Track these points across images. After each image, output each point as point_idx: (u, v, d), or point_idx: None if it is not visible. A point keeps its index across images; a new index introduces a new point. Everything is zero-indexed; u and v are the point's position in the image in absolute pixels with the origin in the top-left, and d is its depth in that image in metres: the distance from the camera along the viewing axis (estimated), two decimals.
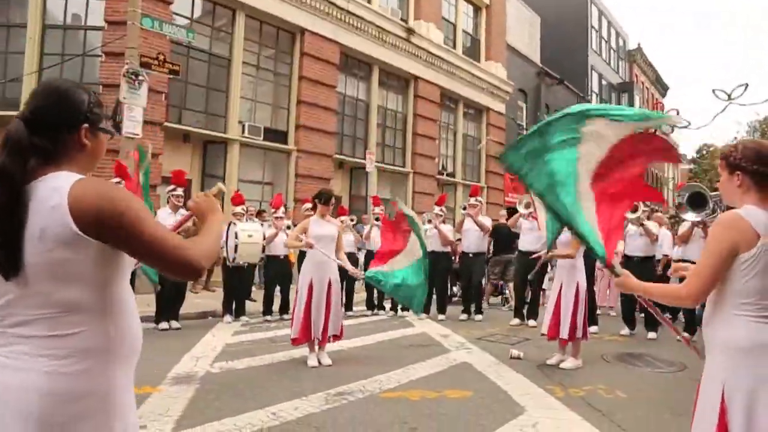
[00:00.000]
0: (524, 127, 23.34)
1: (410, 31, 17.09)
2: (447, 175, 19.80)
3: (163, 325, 7.68)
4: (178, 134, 11.89)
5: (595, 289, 9.68)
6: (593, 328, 8.01)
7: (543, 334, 6.05)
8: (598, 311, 9.60)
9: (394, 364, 5.74)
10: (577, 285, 5.72)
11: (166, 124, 11.24)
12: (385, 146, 17.67)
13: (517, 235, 9.06)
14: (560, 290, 5.78)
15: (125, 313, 1.51)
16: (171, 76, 10.19)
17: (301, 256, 7.39)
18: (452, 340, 7.17)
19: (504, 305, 10.90)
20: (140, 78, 8.74)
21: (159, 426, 3.78)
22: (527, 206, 8.38)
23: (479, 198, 9.48)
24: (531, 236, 8.51)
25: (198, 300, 10.17)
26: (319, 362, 5.71)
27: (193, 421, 3.90)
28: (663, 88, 41.14)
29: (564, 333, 5.72)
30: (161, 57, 9.28)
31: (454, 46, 19.68)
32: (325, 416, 4.05)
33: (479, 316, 9.20)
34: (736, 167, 2.06)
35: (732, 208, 2.11)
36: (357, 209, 15.36)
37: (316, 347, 5.81)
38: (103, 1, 10.58)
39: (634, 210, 7.51)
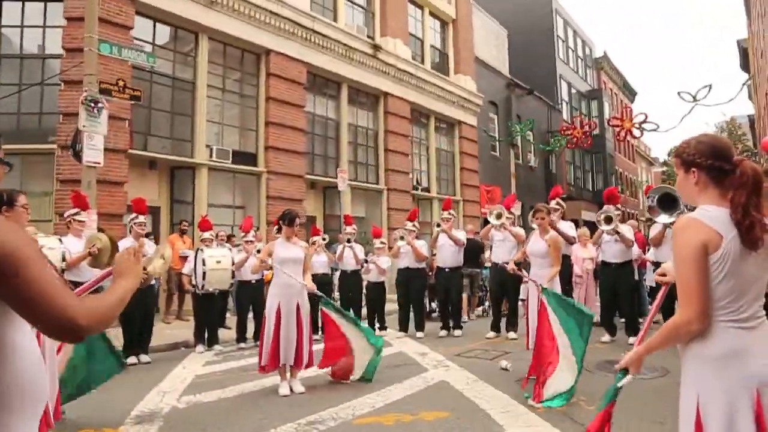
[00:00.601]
0: (496, 138, 23.48)
1: (377, 47, 17.11)
2: (422, 190, 19.74)
3: (132, 359, 7.36)
4: (143, 161, 11.61)
5: (574, 296, 9.62)
6: None
7: (529, 348, 5.88)
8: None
9: (369, 387, 5.55)
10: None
11: (130, 151, 10.95)
12: (358, 164, 17.55)
13: (482, 248, 8.97)
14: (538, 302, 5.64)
15: (21, 359, 1.33)
16: (133, 102, 9.95)
17: None
18: (430, 359, 6.99)
19: (485, 315, 10.78)
20: (99, 105, 8.49)
21: None
22: (498, 217, 8.30)
23: (452, 212, 9.37)
24: (503, 248, 8.42)
25: (170, 330, 9.83)
26: (291, 390, 5.49)
27: None
28: (631, 94, 41.95)
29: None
30: (121, 83, 9.05)
31: (423, 61, 19.76)
32: None
33: (458, 332, 9.03)
34: (691, 164, 1.94)
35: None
36: (332, 229, 15.17)
37: (288, 375, 5.59)
38: (61, 28, 10.33)
39: (608, 221, 7.48)
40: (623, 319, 8.32)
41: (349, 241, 9.61)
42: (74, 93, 9.65)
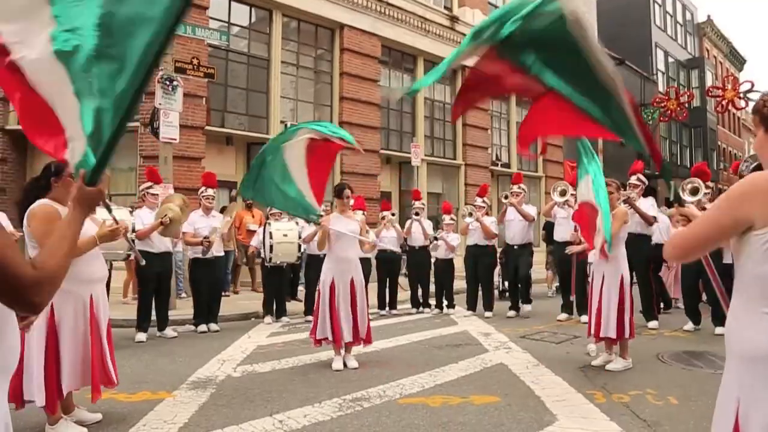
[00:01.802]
0: None
1: (455, 18, 16.56)
2: (501, 165, 19.11)
3: (202, 327, 7.67)
4: (220, 137, 11.98)
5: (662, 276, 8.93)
6: (653, 323, 7.34)
7: (591, 335, 5.49)
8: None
9: (423, 366, 5.39)
10: (621, 278, 5.15)
11: (207, 127, 11.33)
12: (435, 139, 17.23)
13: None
14: (602, 284, 5.22)
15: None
16: (209, 80, 10.23)
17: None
18: (492, 340, 6.72)
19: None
20: (174, 83, 8.78)
21: None
22: (562, 194, 7.78)
23: (522, 186, 8.91)
24: (567, 226, 7.91)
25: (242, 301, 10.18)
26: (345, 365, 5.45)
27: (196, 428, 3.73)
28: (739, 62, 38.19)
29: (610, 331, 5.16)
30: (195, 61, 9.30)
31: None
32: (333, 425, 3.77)
33: (528, 307, 8.67)
34: None
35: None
36: (408, 204, 15.02)
37: (342, 350, 5.55)
38: None
39: (694, 192, 6.73)
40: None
41: (417, 215, 9.44)
42: (155, 73, 10.07)
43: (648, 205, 7.53)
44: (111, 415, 3.97)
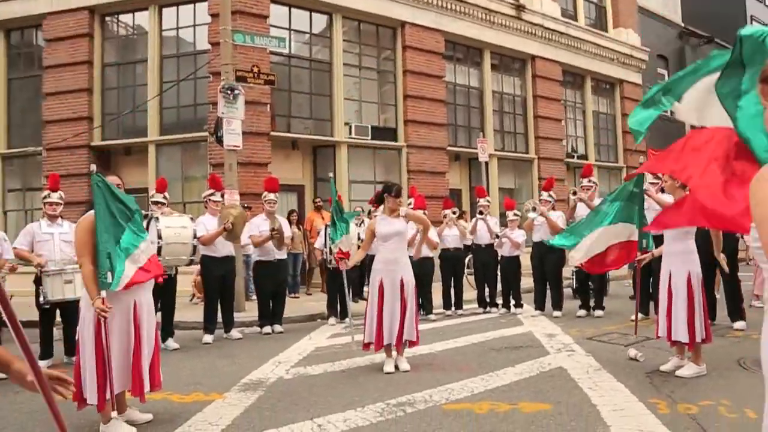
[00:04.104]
0: None
1: (521, 8, 16.00)
2: (578, 157, 18.26)
3: (266, 329, 7.84)
4: (286, 142, 12.26)
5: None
6: (739, 324, 6.67)
7: (659, 337, 5.05)
8: (757, 302, 8.06)
9: (477, 369, 5.19)
10: (688, 274, 4.68)
11: (272, 133, 11.63)
12: (505, 133, 16.75)
13: None
14: (669, 282, 4.78)
15: None
16: (271, 87, 10.49)
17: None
18: (556, 341, 6.37)
19: None
20: (236, 92, 9.05)
21: None
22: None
23: (593, 179, 8.42)
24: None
25: (311, 303, 10.35)
26: (397, 368, 5.35)
27: (238, 430, 3.77)
28: None
29: (680, 334, 4.72)
30: (256, 69, 9.56)
31: (576, 18, 18.08)
32: (371, 430, 3.68)
33: (599, 312, 8.17)
34: None
35: None
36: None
37: (394, 352, 5.46)
38: (206, 25, 11.25)
39: None
40: None
41: (481, 213, 9.17)
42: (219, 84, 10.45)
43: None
44: (161, 416, 4.11)
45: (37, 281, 6.12)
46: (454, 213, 9.35)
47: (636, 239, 5.58)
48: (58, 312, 6.21)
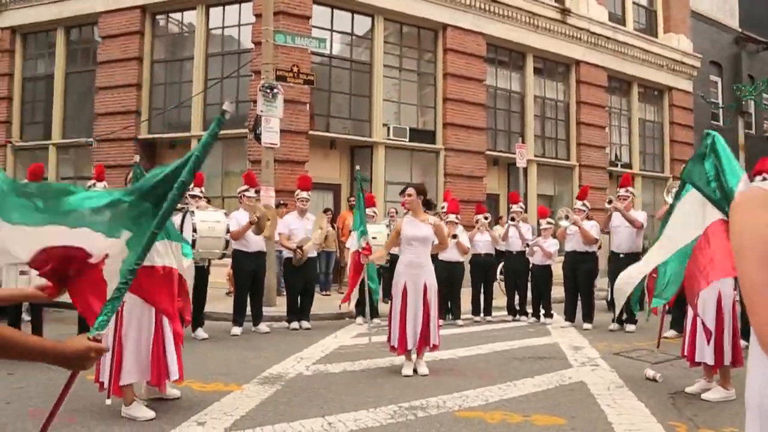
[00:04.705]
0: (719, 104, 20.01)
1: (566, 11, 15.70)
2: (621, 166, 17.78)
3: (294, 324, 7.98)
4: (324, 142, 12.41)
5: None
6: None
7: (684, 356, 4.88)
8: None
9: (496, 378, 5.16)
10: (718, 294, 4.52)
11: (311, 132, 11.79)
12: (546, 138, 16.48)
13: None
14: (697, 299, 4.62)
15: None
16: (311, 86, 10.65)
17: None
18: (581, 355, 6.25)
19: None
20: (275, 91, 9.24)
21: (216, 423, 3.84)
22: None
23: (630, 189, 8.20)
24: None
25: (338, 301, 10.43)
26: (416, 371, 5.37)
27: (250, 422, 3.88)
28: None
29: (706, 356, 4.55)
30: (296, 69, 9.73)
31: (624, 22, 17.61)
32: None
33: (632, 327, 7.95)
34: None
35: None
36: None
37: (414, 356, 5.48)
38: (250, 25, 11.52)
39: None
40: None
41: (513, 219, 9.08)
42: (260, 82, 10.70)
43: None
44: (180, 402, 4.26)
45: None
46: (486, 218, 9.28)
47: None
48: None
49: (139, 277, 3.89)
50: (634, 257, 8.09)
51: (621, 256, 8.07)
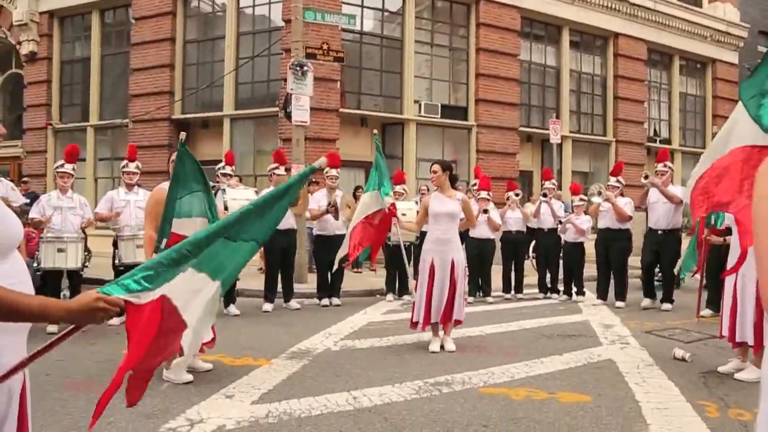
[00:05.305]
0: None
1: None
2: (660, 141, 17.24)
3: (324, 301, 8.09)
4: (354, 119, 12.39)
5: None
6: None
7: (722, 336, 4.75)
8: None
9: (524, 355, 5.13)
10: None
11: (341, 110, 11.78)
12: (582, 114, 16.08)
13: None
14: (736, 279, 4.46)
15: None
16: (341, 63, 10.62)
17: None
18: (612, 333, 6.16)
19: None
20: (305, 68, 9.23)
21: (243, 397, 3.93)
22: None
23: (668, 164, 7.93)
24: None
25: (372, 278, 10.52)
26: (443, 347, 5.39)
27: (277, 395, 3.96)
28: None
29: (746, 335, 4.41)
30: (326, 46, 9.69)
31: None
32: (404, 407, 3.76)
33: (667, 305, 7.76)
34: None
35: None
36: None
37: (441, 332, 5.49)
38: (281, 3, 11.49)
39: None
40: None
41: (545, 195, 8.94)
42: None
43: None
44: (209, 375, 4.39)
45: (114, 244, 6.63)
46: (517, 195, 9.16)
47: None
48: None
49: None
50: (672, 234, 7.90)
51: (659, 232, 7.85)
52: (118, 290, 1.67)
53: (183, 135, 4.42)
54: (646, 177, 8.00)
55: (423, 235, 8.02)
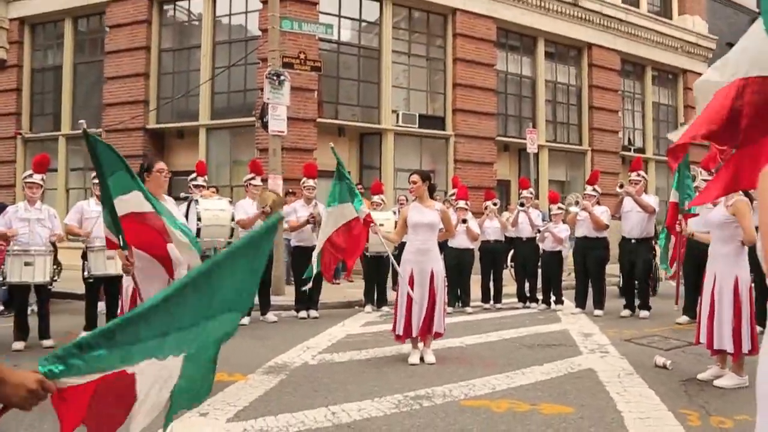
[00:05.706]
0: None
1: None
2: (635, 150, 17.51)
3: (302, 314, 7.95)
4: (332, 128, 12.32)
5: None
6: None
7: (699, 343, 4.77)
8: None
9: (504, 366, 5.08)
10: (735, 279, 4.39)
11: (319, 119, 11.71)
12: (558, 123, 16.27)
13: None
14: (714, 285, 4.49)
15: None
16: (318, 73, 10.55)
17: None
18: (591, 342, 6.16)
19: None
20: (282, 78, 9.14)
21: (218, 414, 3.80)
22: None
23: (642, 173, 8.04)
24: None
25: (350, 290, 10.40)
26: (422, 360, 5.31)
27: (253, 412, 3.84)
28: None
29: (725, 342, 4.43)
30: (302, 56, 9.63)
31: (637, 5, 17.24)
32: (384, 422, 3.67)
33: (645, 313, 7.82)
34: None
35: None
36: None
37: (420, 344, 5.42)
38: (257, 12, 11.42)
39: None
40: None
41: (522, 205, 8.96)
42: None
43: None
44: None
45: (84, 256, 6.43)
46: (495, 204, 9.17)
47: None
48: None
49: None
50: (645, 242, 8.00)
51: (633, 241, 7.96)
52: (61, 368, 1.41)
53: (83, 122, 4.16)
54: (621, 186, 8.09)
55: (402, 245, 8.01)
